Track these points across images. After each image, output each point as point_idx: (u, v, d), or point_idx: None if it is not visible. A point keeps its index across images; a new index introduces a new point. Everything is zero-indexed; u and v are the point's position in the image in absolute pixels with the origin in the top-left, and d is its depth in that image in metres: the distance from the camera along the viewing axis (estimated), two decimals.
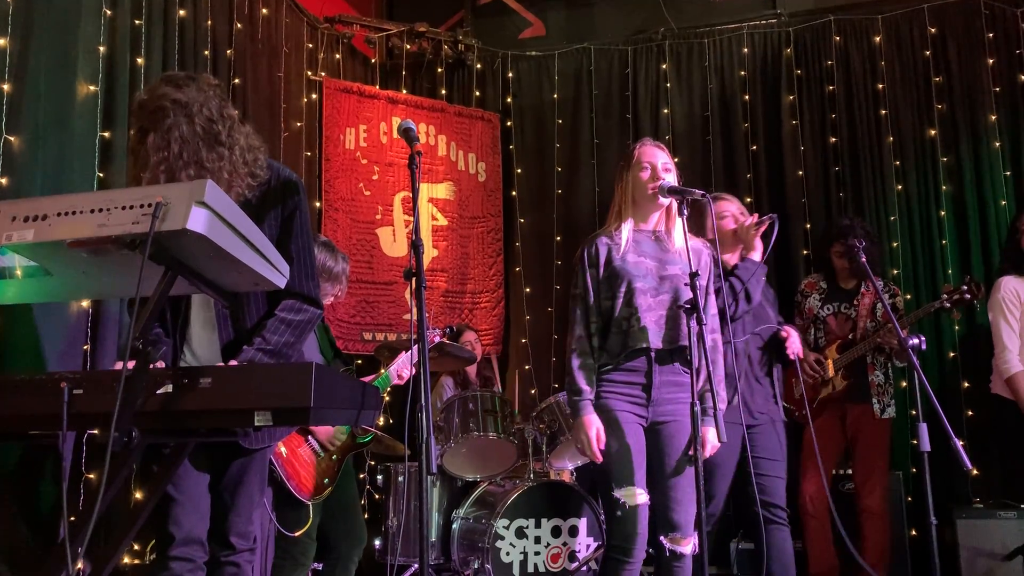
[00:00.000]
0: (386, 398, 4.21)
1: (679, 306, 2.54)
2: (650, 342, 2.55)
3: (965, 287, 3.70)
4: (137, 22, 3.50)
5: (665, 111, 5.38)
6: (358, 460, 4.17)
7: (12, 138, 2.86)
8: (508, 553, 3.63)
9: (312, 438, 3.05)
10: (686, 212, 2.53)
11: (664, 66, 5.43)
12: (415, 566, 3.88)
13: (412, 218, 3.23)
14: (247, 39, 4.39)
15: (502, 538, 3.62)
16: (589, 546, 3.76)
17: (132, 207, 1.49)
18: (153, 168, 1.83)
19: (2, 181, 2.82)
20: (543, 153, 5.67)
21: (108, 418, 1.43)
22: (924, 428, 2.61)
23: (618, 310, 2.60)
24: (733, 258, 3.18)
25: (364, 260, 5.11)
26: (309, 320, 2.06)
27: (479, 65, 5.74)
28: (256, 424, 1.55)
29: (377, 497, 4.37)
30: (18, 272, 1.66)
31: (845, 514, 3.94)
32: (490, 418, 3.92)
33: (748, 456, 2.97)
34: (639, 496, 2.49)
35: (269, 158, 2.07)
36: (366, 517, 3.57)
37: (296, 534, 2.96)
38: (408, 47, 5.56)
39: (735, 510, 3.98)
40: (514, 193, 5.67)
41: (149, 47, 3.57)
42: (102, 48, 3.27)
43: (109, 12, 3.32)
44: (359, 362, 4.55)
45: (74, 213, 1.52)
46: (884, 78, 4.95)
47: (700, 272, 2.60)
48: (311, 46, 5.09)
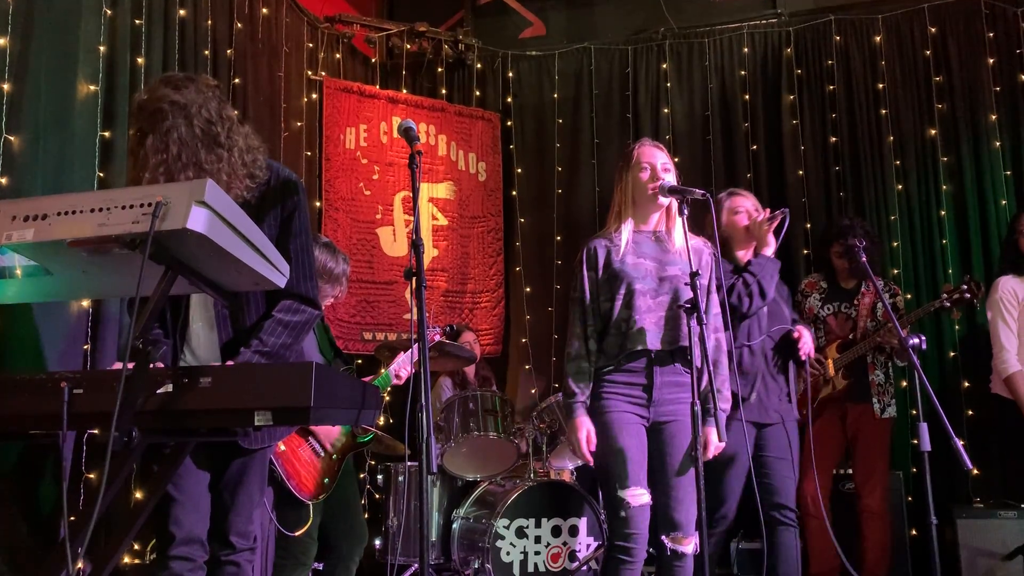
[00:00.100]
0: (386, 398, 4.21)
1: (679, 306, 2.53)
2: (648, 344, 2.55)
3: (965, 286, 3.70)
4: (137, 22, 3.50)
5: (665, 111, 5.38)
6: (358, 460, 4.16)
7: (12, 138, 2.86)
8: (508, 553, 3.63)
9: (312, 438, 3.05)
10: (686, 212, 2.53)
11: (664, 66, 5.42)
12: (415, 566, 3.88)
13: (412, 218, 3.23)
14: (247, 39, 4.39)
15: (502, 538, 3.62)
16: (589, 546, 3.76)
17: (132, 207, 1.49)
18: (152, 170, 1.83)
19: (2, 181, 2.82)
20: (543, 153, 5.67)
21: (108, 418, 1.43)
22: (924, 428, 2.61)
23: (617, 312, 2.60)
24: (747, 254, 3.15)
25: (364, 260, 5.11)
26: (306, 321, 2.05)
27: (479, 65, 5.74)
28: (256, 424, 1.55)
29: (377, 497, 4.37)
30: (18, 272, 1.66)
31: (845, 514, 3.95)
32: (490, 418, 3.92)
33: (759, 456, 2.97)
34: (641, 496, 2.49)
35: (268, 158, 2.06)
36: (366, 517, 3.57)
37: (296, 533, 2.96)
38: (408, 47, 5.56)
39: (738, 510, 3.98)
40: (514, 193, 5.67)
41: (149, 47, 3.57)
42: (102, 48, 3.27)
43: (109, 12, 3.32)
44: (359, 362, 4.55)
45: (74, 213, 1.52)
46: (884, 78, 4.95)
47: (701, 271, 2.60)
48: (311, 46, 5.09)
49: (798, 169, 5.05)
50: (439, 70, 5.69)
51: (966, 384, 4.50)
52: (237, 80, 4.24)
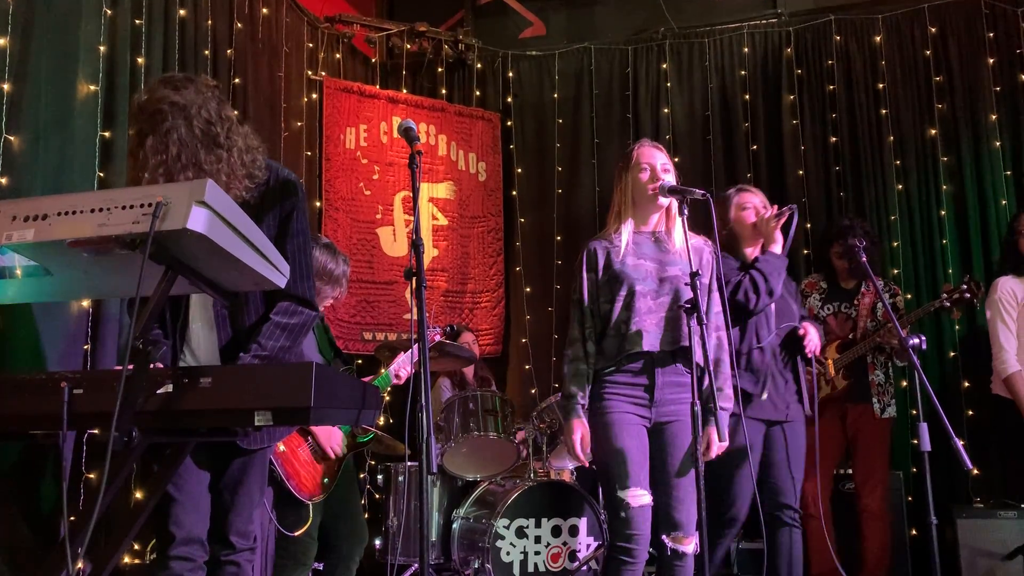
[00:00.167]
0: (386, 398, 4.21)
1: (679, 306, 2.53)
2: (646, 345, 2.54)
3: (965, 286, 3.70)
4: (137, 22, 3.50)
5: (665, 111, 5.38)
6: (358, 460, 4.17)
7: (12, 138, 2.86)
8: (508, 553, 3.63)
9: (312, 438, 3.05)
10: (686, 212, 2.53)
11: (664, 66, 5.43)
12: (415, 566, 3.88)
13: (412, 218, 3.23)
14: (247, 39, 4.39)
15: (502, 538, 3.62)
16: (589, 546, 3.76)
17: (132, 207, 1.49)
18: (151, 170, 1.82)
19: (2, 181, 2.82)
20: (543, 153, 5.67)
21: (108, 418, 1.43)
22: (924, 428, 2.61)
23: (616, 313, 2.60)
24: (754, 251, 3.13)
25: (364, 260, 5.11)
26: (304, 323, 2.04)
27: (479, 65, 5.74)
28: (256, 424, 1.55)
29: (377, 497, 4.37)
30: (18, 272, 1.66)
31: (845, 514, 3.95)
32: (490, 418, 3.92)
33: (766, 455, 2.96)
34: (642, 497, 2.48)
35: (268, 158, 2.06)
36: (366, 517, 3.57)
37: (296, 533, 2.97)
38: (408, 47, 5.56)
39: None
40: (514, 193, 5.67)
41: (149, 47, 3.57)
42: (102, 48, 3.27)
43: (109, 12, 3.32)
44: (359, 362, 4.55)
45: (74, 213, 1.52)
46: (885, 77, 4.95)
47: (702, 271, 2.60)
48: (311, 46, 5.09)
49: (798, 169, 5.05)
50: (439, 70, 5.69)
51: (966, 384, 4.50)
52: (237, 80, 4.25)
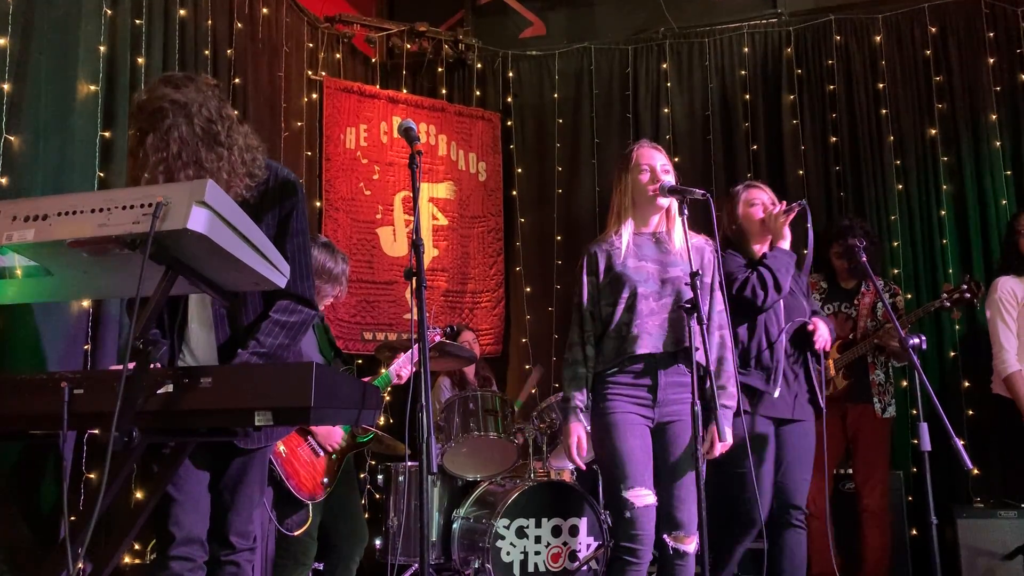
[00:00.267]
0: (386, 398, 4.21)
1: (680, 306, 2.53)
2: (648, 348, 2.54)
3: (965, 286, 3.70)
4: (138, 22, 3.50)
5: (665, 111, 5.38)
6: (358, 460, 4.17)
7: (12, 138, 2.86)
8: (508, 553, 3.63)
9: (312, 438, 3.05)
10: (686, 212, 2.53)
11: (664, 66, 5.42)
12: (415, 566, 3.88)
13: (412, 218, 3.23)
14: (247, 39, 4.39)
15: (502, 538, 3.62)
16: (589, 546, 3.76)
17: (132, 207, 1.49)
18: (152, 169, 1.82)
19: (2, 181, 2.82)
20: (543, 153, 5.67)
21: (108, 418, 1.43)
22: (925, 428, 2.61)
23: (618, 316, 2.59)
24: (762, 248, 3.12)
25: (364, 260, 5.11)
26: (303, 322, 2.05)
27: (479, 65, 5.74)
28: (256, 424, 1.55)
29: (377, 497, 4.37)
30: (18, 272, 1.66)
31: (845, 514, 3.95)
32: (491, 418, 3.92)
33: (776, 454, 2.95)
34: (646, 497, 2.48)
35: (268, 158, 2.06)
36: (366, 517, 3.57)
37: (296, 533, 2.97)
38: (408, 47, 5.56)
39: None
40: (514, 193, 5.67)
41: (149, 47, 3.57)
42: (102, 48, 3.27)
43: (109, 12, 3.32)
44: (359, 362, 4.55)
45: (74, 213, 1.52)
46: (885, 77, 4.95)
47: (703, 270, 2.59)
48: (311, 45, 5.09)
49: (798, 169, 5.05)
50: (439, 70, 5.69)
51: (966, 384, 4.50)
52: (237, 80, 4.24)
